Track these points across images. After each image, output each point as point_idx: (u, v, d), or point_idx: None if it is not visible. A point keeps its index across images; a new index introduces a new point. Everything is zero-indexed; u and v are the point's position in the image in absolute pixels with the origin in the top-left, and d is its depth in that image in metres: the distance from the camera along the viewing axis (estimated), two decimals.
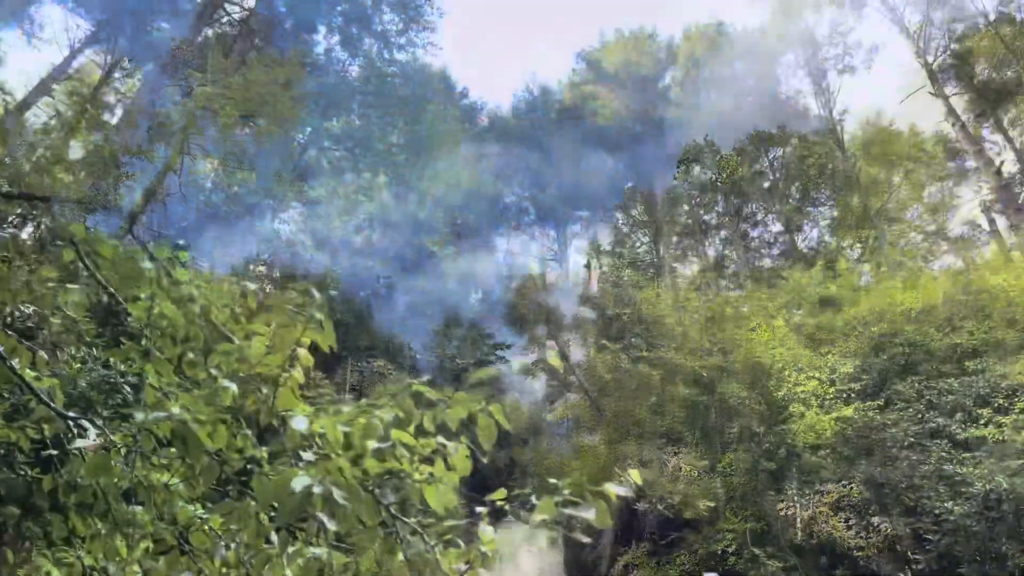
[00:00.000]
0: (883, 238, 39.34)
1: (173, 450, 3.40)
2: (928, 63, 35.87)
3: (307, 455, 1.96)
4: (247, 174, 18.64)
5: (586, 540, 1.64)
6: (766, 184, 47.87)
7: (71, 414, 3.78)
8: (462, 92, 45.11)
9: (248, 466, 3.39)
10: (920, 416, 19.52)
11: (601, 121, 41.52)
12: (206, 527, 3.38)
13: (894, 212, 46.92)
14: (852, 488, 17.39)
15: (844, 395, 20.47)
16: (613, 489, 1.72)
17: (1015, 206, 30.50)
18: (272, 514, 3.08)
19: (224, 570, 3.33)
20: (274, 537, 3.21)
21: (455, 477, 2.02)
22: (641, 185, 44.53)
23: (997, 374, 19.57)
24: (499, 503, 1.95)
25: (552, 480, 1.76)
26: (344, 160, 26.50)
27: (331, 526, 3.06)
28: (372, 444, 1.93)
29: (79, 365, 9.48)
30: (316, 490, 1.76)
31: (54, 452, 3.88)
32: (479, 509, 1.98)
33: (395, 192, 26.06)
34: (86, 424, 3.84)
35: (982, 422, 18.33)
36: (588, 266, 27.58)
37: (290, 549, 3.27)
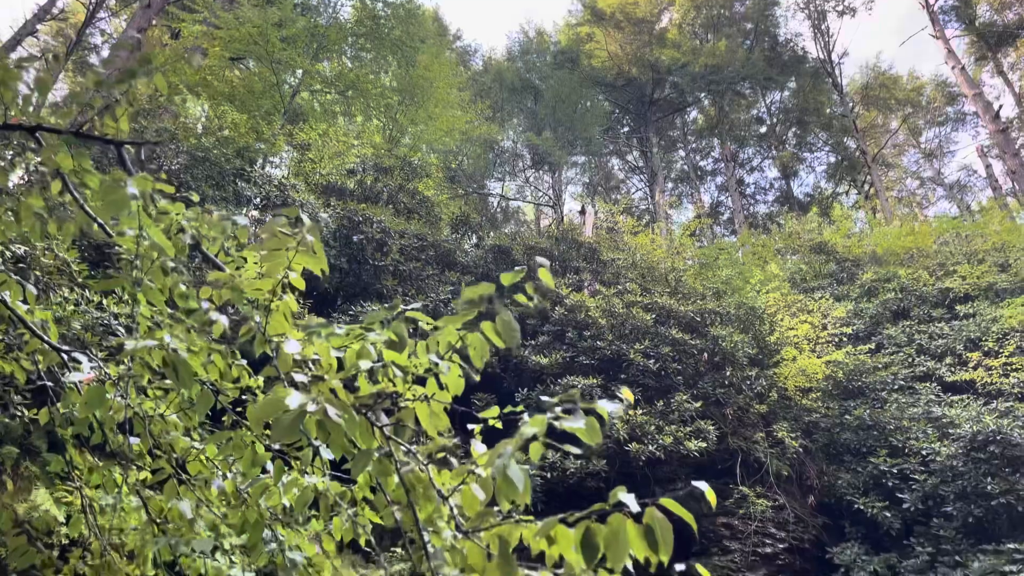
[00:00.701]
0: (879, 184, 39.21)
1: (167, 381, 3.42)
2: (929, 4, 35.23)
3: (300, 377, 1.96)
4: (238, 116, 18.38)
5: (576, 451, 1.65)
6: (763, 129, 47.52)
7: (65, 347, 3.79)
8: (456, 34, 44.31)
9: (243, 396, 3.42)
10: (910, 360, 19.77)
11: (597, 63, 40.86)
12: (202, 457, 3.42)
13: (891, 158, 46.73)
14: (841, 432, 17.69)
15: (836, 339, 20.67)
16: (604, 406, 1.73)
17: (1012, 151, 30.34)
18: (266, 441, 3.11)
19: (222, 499, 3.38)
20: (270, 466, 3.25)
21: (448, 396, 2.04)
22: (638, 130, 44.11)
23: (988, 318, 19.77)
24: (491, 422, 1.97)
25: (544, 398, 1.77)
26: (336, 103, 26.12)
27: (326, 454, 3.11)
28: (365, 363, 1.94)
29: (72, 307, 9.46)
30: (310, 408, 1.76)
31: (49, 384, 3.90)
32: (471, 426, 1.99)
33: (388, 136, 25.78)
34: (80, 358, 3.85)
35: (971, 365, 18.57)
36: (583, 211, 27.43)
37: (285, 478, 3.31)
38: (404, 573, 10.47)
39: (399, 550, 11.23)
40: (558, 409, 1.78)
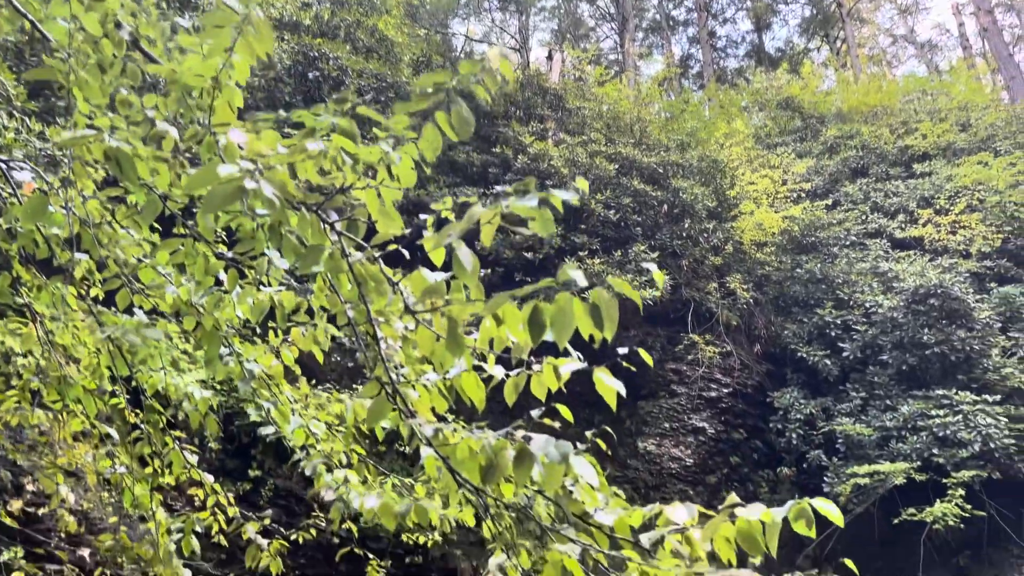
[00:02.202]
0: (852, 40, 38.45)
1: (112, 190, 3.30)
2: None
3: (247, 164, 1.87)
4: None
5: (527, 232, 1.64)
6: None
7: (2, 157, 3.62)
8: None
9: (193, 208, 3.32)
10: (864, 217, 20.18)
11: None
12: (154, 265, 3.36)
13: (866, 13, 45.62)
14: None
15: (795, 195, 20.90)
16: (558, 195, 1.71)
17: (986, 8, 29.76)
18: (218, 250, 3.06)
19: (175, 308, 3.36)
20: (223, 277, 3.21)
21: (399, 186, 1.99)
22: None
23: (943, 176, 20.07)
24: (444, 214, 1.94)
25: (498, 187, 1.73)
26: None
27: (280, 263, 3.07)
28: (313, 145, 1.86)
29: (12, 136, 9.01)
30: (248, 184, 1.69)
31: None
32: (424, 216, 1.96)
33: None
34: (19, 166, 3.70)
35: (921, 222, 19.03)
36: (550, 57, 26.56)
37: (239, 289, 3.29)
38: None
39: (358, 387, 11.54)
40: (512, 198, 1.75)
